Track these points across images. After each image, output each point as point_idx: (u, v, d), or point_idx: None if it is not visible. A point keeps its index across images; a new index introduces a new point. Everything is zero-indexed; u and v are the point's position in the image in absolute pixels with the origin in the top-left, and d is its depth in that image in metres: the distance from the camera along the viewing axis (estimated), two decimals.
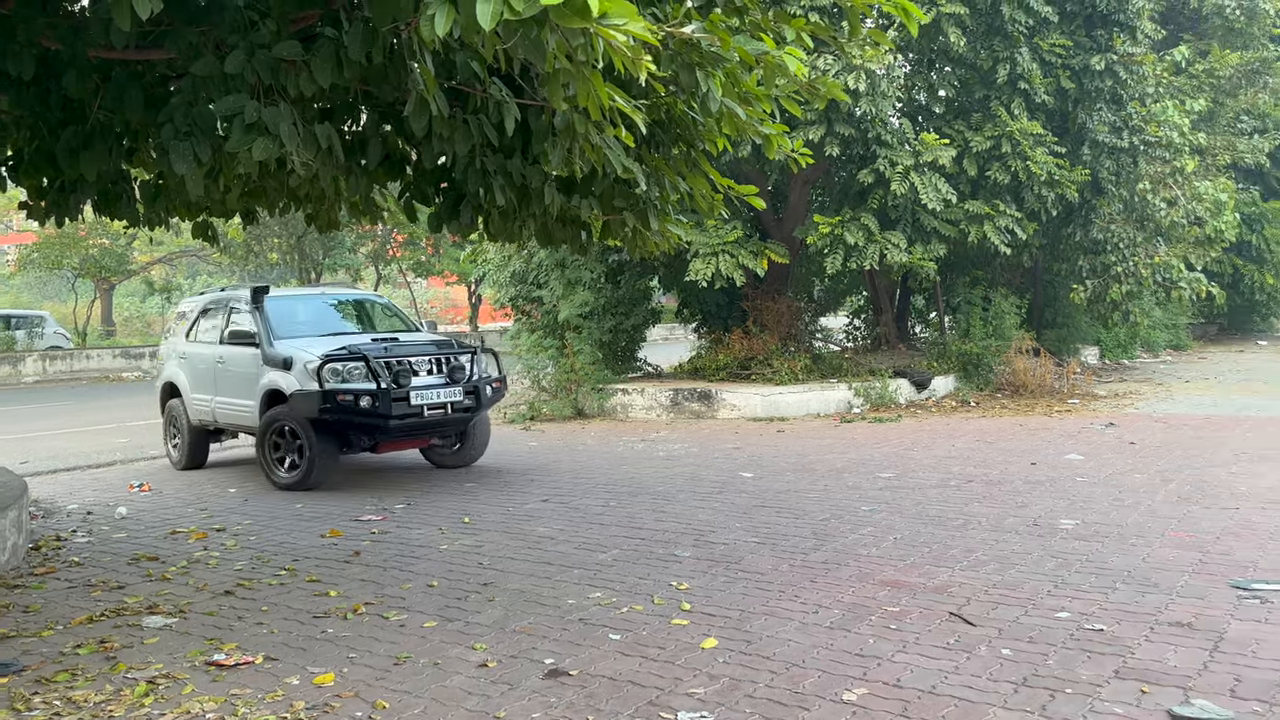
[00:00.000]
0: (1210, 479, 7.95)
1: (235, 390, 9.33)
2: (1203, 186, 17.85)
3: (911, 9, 4.26)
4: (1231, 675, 3.84)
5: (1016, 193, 13.05)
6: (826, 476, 8.55)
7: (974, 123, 13.09)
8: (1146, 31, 13.78)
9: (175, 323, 10.79)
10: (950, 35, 11.98)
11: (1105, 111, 13.70)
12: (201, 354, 9.91)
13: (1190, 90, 18.12)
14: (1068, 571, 5.36)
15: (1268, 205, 26.07)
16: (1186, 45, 18.51)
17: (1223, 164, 21.78)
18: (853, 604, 4.88)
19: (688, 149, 5.15)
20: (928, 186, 12.18)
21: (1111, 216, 15.89)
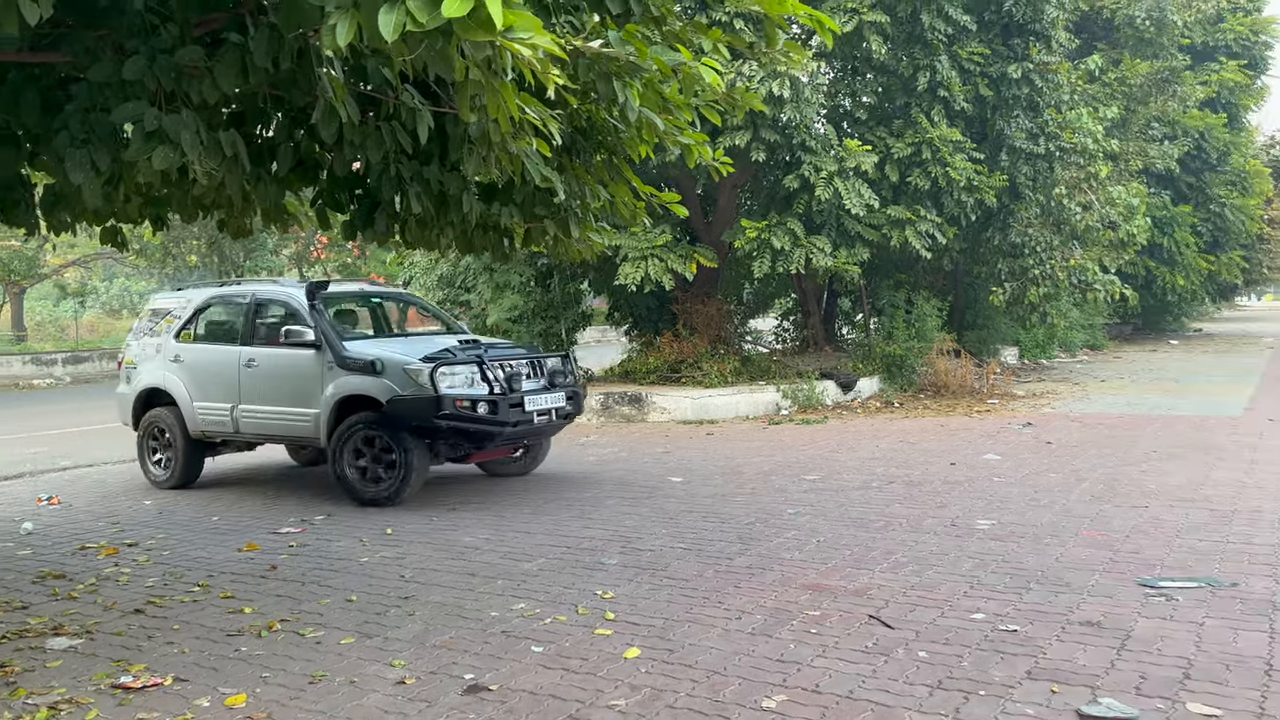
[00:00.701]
0: (1122, 478, 8.21)
1: (278, 397, 8.45)
2: (1116, 191, 18.45)
3: (825, 20, 4.31)
4: (1137, 673, 3.96)
5: (937, 198, 13.32)
6: (754, 480, 8.62)
7: (896, 129, 13.33)
8: (1061, 41, 14.19)
9: (150, 321, 9.56)
10: (872, 43, 12.19)
11: (1022, 118, 14.07)
12: (211, 356, 8.93)
13: (1103, 98, 18.71)
14: (984, 572, 5.48)
15: (1178, 209, 27.10)
16: (1100, 54, 19.09)
17: (1135, 169, 22.55)
18: (775, 609, 4.92)
19: (610, 157, 5.15)
20: (851, 192, 12.37)
21: (1029, 221, 16.33)
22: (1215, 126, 27.66)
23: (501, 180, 4.30)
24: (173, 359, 9.15)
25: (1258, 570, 5.35)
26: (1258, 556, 5.63)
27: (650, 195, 5.37)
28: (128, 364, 9.62)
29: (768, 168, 13.08)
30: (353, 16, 2.44)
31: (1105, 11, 20.46)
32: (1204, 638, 4.33)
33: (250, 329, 8.82)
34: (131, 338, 9.72)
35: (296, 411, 8.37)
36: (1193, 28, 25.32)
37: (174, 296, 9.73)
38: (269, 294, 8.96)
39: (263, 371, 8.59)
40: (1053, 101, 14.55)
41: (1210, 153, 27.92)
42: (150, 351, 9.36)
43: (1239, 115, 30.81)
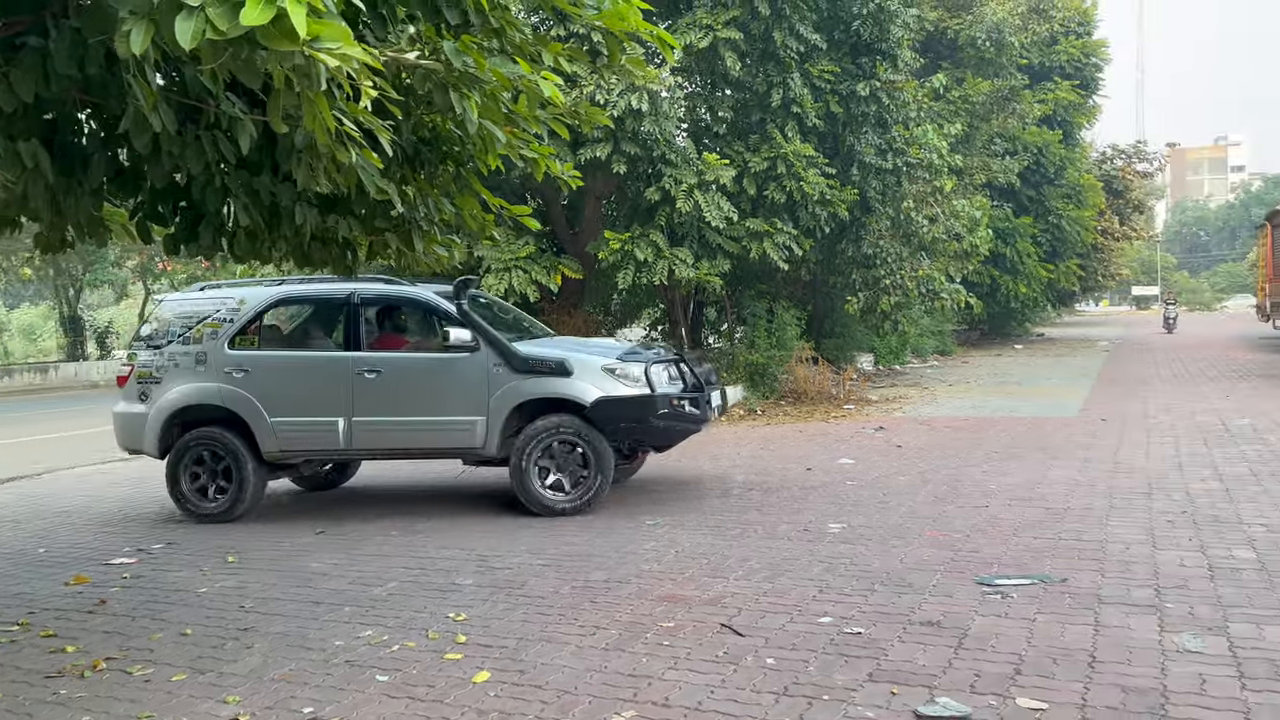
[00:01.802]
0: (965, 478, 8.58)
1: (418, 406, 7.71)
2: (960, 204, 19.38)
3: (667, 38, 4.35)
4: (972, 671, 4.11)
5: (793, 211, 13.69)
6: (621, 489, 8.60)
7: (752, 144, 13.65)
8: (906, 60, 14.83)
9: (172, 327, 8.19)
10: (727, 59, 12.44)
11: (871, 135, 14.62)
12: (301, 364, 7.98)
13: (948, 115, 19.65)
14: (832, 575, 5.61)
15: (1019, 221, 28.71)
16: (944, 73, 20.05)
17: (978, 183, 23.75)
18: (630, 623, 4.90)
19: (458, 168, 5.05)
20: (711, 205, 12.58)
21: (880, 233, 16.98)
22: (1052, 143, 29.44)
23: (341, 191, 4.15)
24: (231, 370, 7.94)
25: (1086, 566, 5.66)
26: (1086, 552, 5.96)
27: (500, 207, 5.30)
28: (140, 377, 8.17)
29: (630, 180, 13.17)
30: (149, 23, 2.30)
31: (949, 32, 21.51)
32: (1035, 633, 4.54)
33: (356, 331, 7.94)
34: (139, 347, 8.33)
35: (450, 420, 7.69)
36: (1030, 49, 26.88)
37: (204, 297, 8.38)
38: (383, 292, 8.14)
39: (390, 379, 7.75)
40: (900, 118, 15.17)
41: (1048, 167, 29.70)
42: (186, 362, 8.04)
43: (1073, 132, 32.91)
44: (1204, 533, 6.27)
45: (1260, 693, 3.76)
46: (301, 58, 2.38)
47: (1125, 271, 53.98)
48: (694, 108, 14.27)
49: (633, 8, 4.49)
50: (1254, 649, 4.21)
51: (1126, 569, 5.53)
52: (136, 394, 8.18)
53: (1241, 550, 5.82)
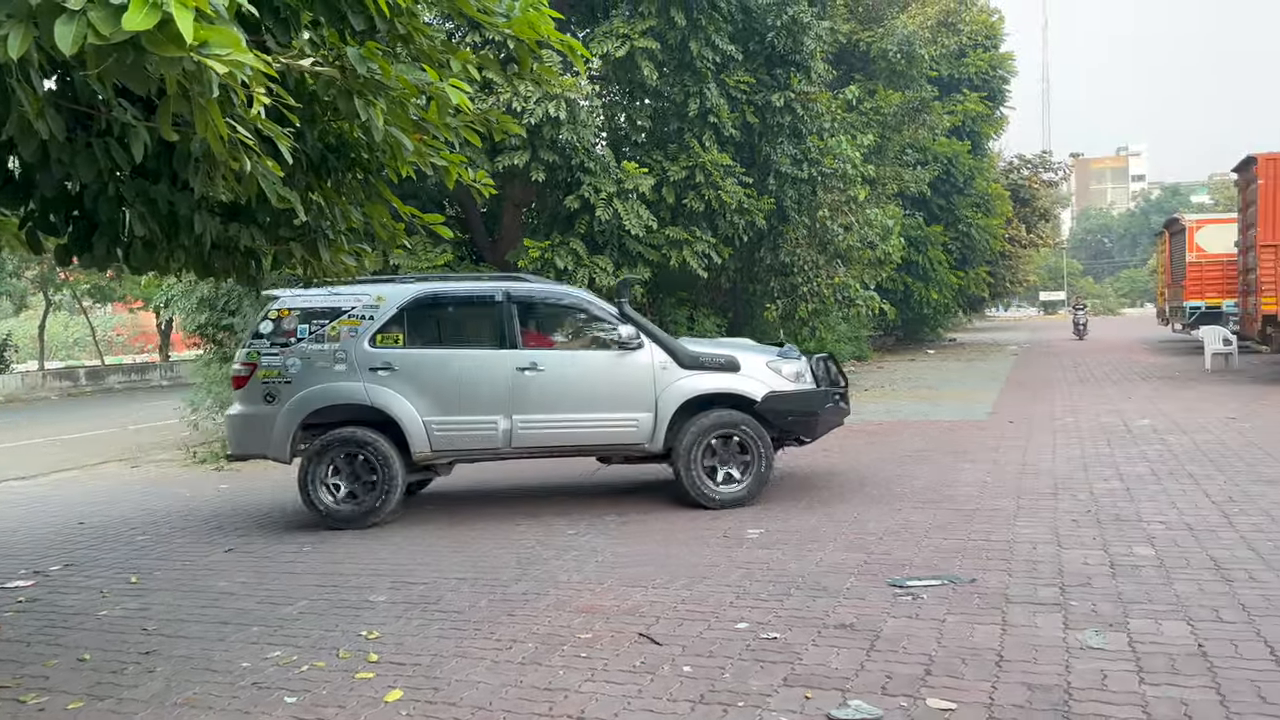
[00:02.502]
0: (879, 482, 8.73)
1: (583, 403, 7.73)
2: (874, 213, 19.79)
3: (577, 46, 4.34)
4: (884, 673, 4.17)
5: (711, 219, 13.81)
6: (537, 499, 8.54)
7: (671, 153, 13.73)
8: (819, 72, 15.09)
9: (297, 325, 7.79)
10: (644, 69, 12.49)
11: (787, 145, 14.83)
12: (457, 363, 7.78)
13: (861, 126, 20.04)
14: (750, 581, 5.65)
15: (930, 229, 29.44)
16: (857, 85, 20.46)
17: (891, 193, 24.29)
18: (547, 635, 4.86)
19: (366, 176, 4.96)
20: (630, 213, 12.61)
21: (797, 241, 17.24)
22: (961, 153, 30.28)
23: (242, 200, 4.04)
24: (376, 368, 7.66)
25: (994, 565, 5.80)
26: (995, 552, 6.11)
27: (412, 215, 5.22)
28: (264, 377, 7.72)
29: (549, 188, 13.13)
30: (28, 26, 2.19)
31: (861, 45, 21.97)
32: (945, 633, 4.63)
33: (511, 330, 7.83)
34: (260, 346, 7.81)
35: (616, 417, 7.77)
36: (939, 62, 27.61)
37: (333, 294, 7.97)
38: (535, 290, 8.16)
39: (555, 377, 7.75)
40: (814, 129, 15.43)
41: (958, 177, 30.54)
42: (322, 360, 7.70)
43: (981, 143, 33.91)
44: (1107, 531, 6.49)
45: (1158, 686, 3.90)
46: (191, 63, 2.30)
47: (1033, 278, 55.90)
48: (612, 116, 14.30)
49: (544, 16, 4.47)
50: (1153, 644, 4.36)
51: (1033, 568, 5.69)
52: (261, 395, 7.74)
53: (1141, 548, 6.03)
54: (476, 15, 4.22)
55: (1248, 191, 17.01)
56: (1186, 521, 6.66)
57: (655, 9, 12.56)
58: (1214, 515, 6.82)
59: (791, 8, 13.69)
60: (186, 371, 24.42)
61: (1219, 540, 6.12)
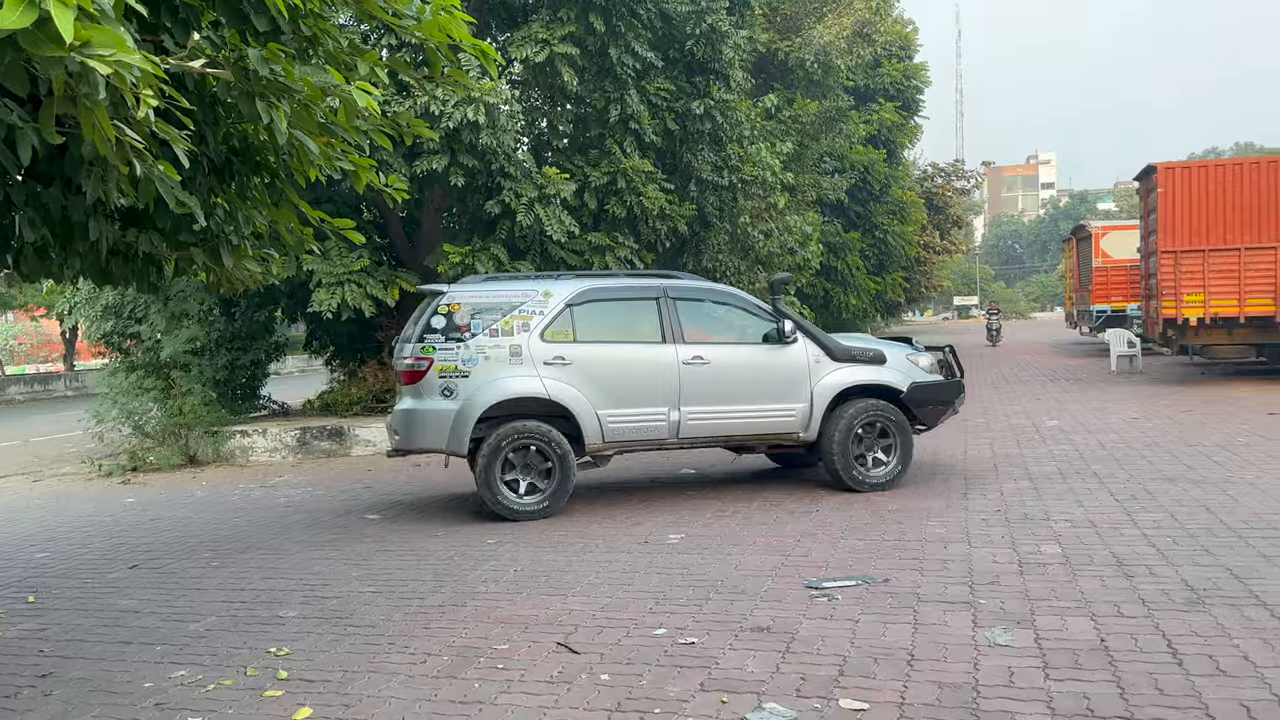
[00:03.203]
0: (798, 483, 8.84)
1: (744, 395, 8.14)
2: (793, 220, 20.03)
3: (489, 51, 4.30)
4: (799, 675, 4.21)
5: (634, 225, 13.82)
6: (458, 510, 8.44)
7: (592, 159, 13.70)
8: (738, 80, 15.22)
9: (468, 319, 7.83)
10: (564, 74, 12.45)
11: (707, 152, 14.93)
12: (625, 356, 8.03)
13: (780, 134, 20.29)
14: (670, 586, 5.66)
15: (848, 236, 29.95)
16: (776, 94, 20.72)
17: (810, 200, 24.63)
18: (464, 647, 4.79)
19: (272, 180, 4.83)
20: (552, 219, 12.54)
21: (719, 247, 17.35)
22: (877, 161, 30.91)
23: (142, 204, 3.89)
24: (551, 361, 7.82)
25: (907, 565, 5.91)
26: (908, 552, 6.23)
27: (321, 220, 5.10)
28: (442, 372, 7.74)
29: (469, 192, 12.98)
30: None
31: (780, 54, 22.26)
32: (858, 634, 4.70)
33: (675, 325, 8.14)
34: (434, 341, 7.80)
35: (775, 408, 8.21)
36: (855, 72, 28.16)
37: (501, 289, 8.13)
38: (693, 287, 8.54)
39: (717, 370, 8.09)
40: (734, 136, 15.56)
41: (874, 185, 31.17)
42: (498, 355, 7.79)
43: (897, 151, 34.68)
44: (1015, 530, 6.67)
45: (1062, 681, 4.00)
46: (74, 63, 2.20)
47: (947, 283, 57.30)
48: (533, 121, 14.22)
49: (456, 19, 4.41)
50: (1057, 640, 4.48)
51: (944, 567, 5.81)
52: (438, 389, 7.78)
53: (1048, 546, 6.21)
54: (385, 17, 4.15)
55: (1149, 199, 17.70)
56: (1091, 519, 6.88)
57: (574, 15, 12.52)
58: (1117, 513, 7.06)
59: (710, 16, 13.78)
60: (92, 382, 23.52)
61: (1121, 537, 6.34)
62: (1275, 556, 5.69)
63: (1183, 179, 16.67)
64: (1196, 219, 16.45)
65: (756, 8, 18.28)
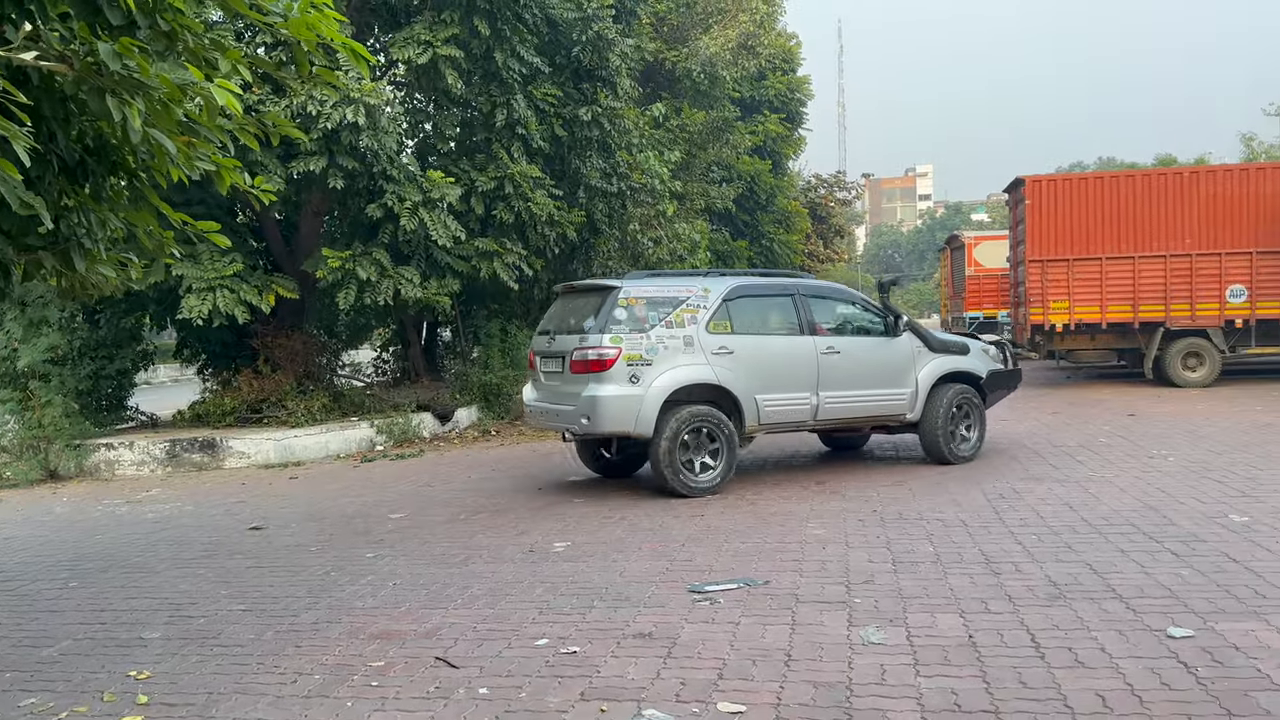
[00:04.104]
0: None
1: (868, 381, 9.23)
2: (682, 228, 20.22)
3: (361, 51, 4.18)
4: (679, 680, 4.22)
5: (522, 231, 13.72)
6: (336, 524, 8.18)
7: (479, 163, 13.55)
8: (626, 88, 15.28)
9: (647, 312, 8.48)
10: (448, 77, 12.27)
11: (596, 159, 14.94)
12: (775, 347, 8.93)
13: (668, 142, 20.46)
14: (554, 596, 5.61)
15: (736, 244, 30.41)
16: (664, 103, 20.88)
17: (698, 208, 24.92)
18: (337, 665, 4.63)
19: (130, 180, 4.59)
20: (437, 223, 12.34)
21: (609, 254, 17.38)
22: (763, 172, 31.47)
23: None
24: (717, 351, 8.60)
25: (786, 567, 6.01)
26: (787, 553, 6.33)
27: (183, 223, 4.87)
28: (630, 360, 8.31)
29: (350, 195, 12.66)
30: None
31: (667, 64, 22.44)
32: (738, 636, 4.75)
33: (810, 319, 9.10)
34: (620, 331, 8.38)
35: (890, 392, 9.34)
36: (741, 83, 28.61)
37: (668, 284, 8.86)
38: (817, 287, 9.60)
39: (847, 359, 9.10)
40: (623, 144, 15.62)
41: (760, 194, 31.71)
42: (674, 345, 8.48)
43: (782, 162, 35.36)
44: (890, 530, 6.86)
45: (931, 678, 4.12)
46: None
47: None
48: (417, 124, 13.97)
49: (327, 18, 4.27)
50: (928, 637, 4.62)
51: (822, 568, 5.93)
52: (626, 376, 8.35)
53: (921, 544, 6.41)
54: (249, 13, 3.99)
55: (1017, 210, 18.53)
56: (962, 518, 7.14)
57: (458, 17, 12.35)
58: (987, 511, 7.34)
59: (596, 24, 13.81)
60: None
61: (990, 535, 6.59)
62: (1132, 551, 6.01)
63: (1049, 191, 17.52)
64: (1061, 230, 17.30)
65: (644, 17, 18.41)
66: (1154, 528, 6.59)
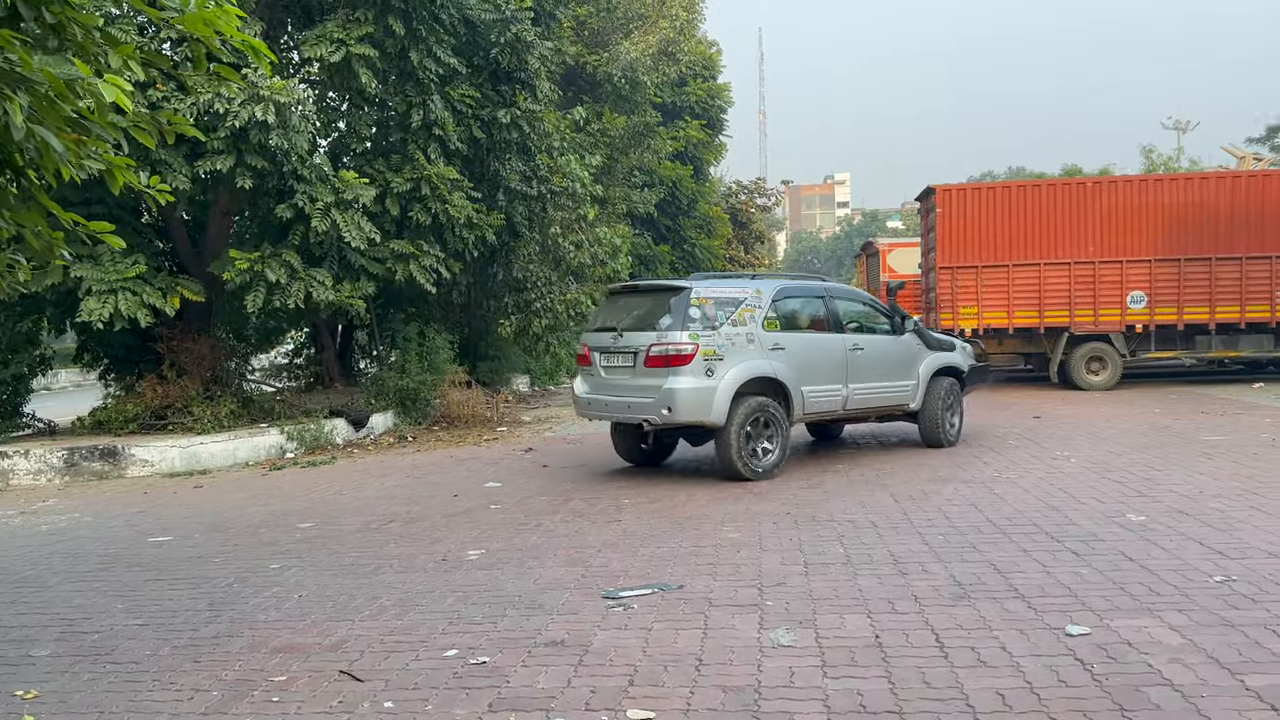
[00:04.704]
0: (601, 494, 8.89)
1: (883, 374, 10.33)
2: (603, 232, 20.25)
3: (260, 47, 4.06)
4: (589, 688, 4.19)
5: (439, 233, 13.53)
6: (241, 534, 7.94)
7: (395, 164, 13.33)
8: (545, 91, 15.21)
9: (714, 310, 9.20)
10: (363, 76, 12.05)
11: (516, 161, 14.84)
12: (816, 344, 9.85)
13: (589, 146, 20.48)
14: (465, 605, 5.53)
15: (658, 248, 30.55)
16: (585, 107, 20.88)
17: (620, 212, 24.98)
18: (237, 680, 4.49)
19: (16, 178, 4.37)
20: (350, 224, 12.10)
21: (530, 257, 17.30)
22: (684, 177, 31.70)
23: None
24: (773, 347, 9.41)
25: (701, 571, 6.03)
26: (702, 557, 6.36)
27: (75, 223, 4.66)
28: (706, 356, 9.03)
29: (260, 195, 12.32)
30: None
31: (588, 68, 22.45)
32: (650, 642, 4.74)
33: (838, 318, 10.11)
34: (696, 329, 9.07)
35: (900, 384, 10.53)
36: (662, 89, 28.77)
37: (727, 285, 9.69)
38: (840, 289, 10.70)
39: (868, 355, 10.16)
40: (543, 147, 15.55)
41: (682, 199, 31.94)
42: (739, 342, 9.22)
43: (703, 168, 35.66)
44: (803, 532, 6.94)
45: (838, 679, 4.17)
46: None
47: None
48: (330, 123, 13.69)
49: (226, 13, 4.13)
50: (836, 638, 4.68)
51: (736, 571, 5.97)
52: (703, 370, 9.02)
53: (833, 546, 6.50)
54: (143, 8, 3.84)
55: (928, 218, 18.99)
56: (872, 519, 7.26)
57: (372, 16, 12.14)
58: (896, 513, 7.48)
59: (515, 26, 13.72)
60: None
61: (898, 536, 6.72)
62: (1034, 551, 6.18)
63: (958, 200, 18.01)
64: (970, 237, 17.79)
65: (564, 20, 18.37)
66: (1055, 527, 6.80)
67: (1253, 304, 17.15)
